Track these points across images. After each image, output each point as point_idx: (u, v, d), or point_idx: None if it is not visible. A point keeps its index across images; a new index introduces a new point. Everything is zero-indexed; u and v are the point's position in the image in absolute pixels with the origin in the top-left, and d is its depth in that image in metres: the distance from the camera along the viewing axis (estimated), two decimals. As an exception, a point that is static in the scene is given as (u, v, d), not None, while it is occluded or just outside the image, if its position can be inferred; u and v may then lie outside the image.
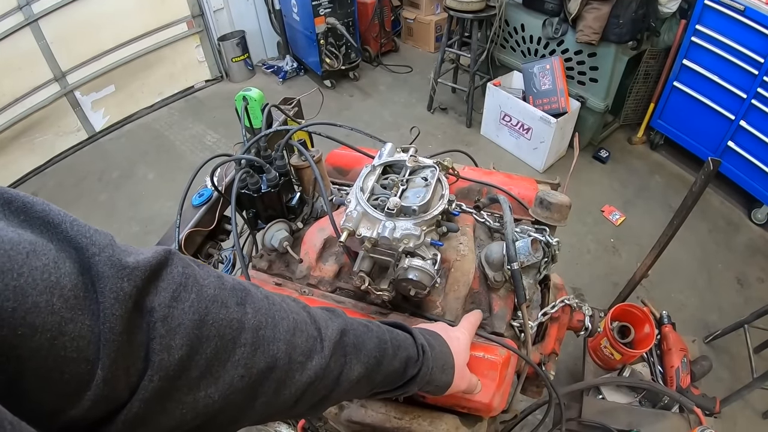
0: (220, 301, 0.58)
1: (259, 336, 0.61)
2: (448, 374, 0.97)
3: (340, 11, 5.71)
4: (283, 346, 0.63)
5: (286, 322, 0.66)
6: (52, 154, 5.57)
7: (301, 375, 0.66)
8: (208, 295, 0.56)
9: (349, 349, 0.75)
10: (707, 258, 4.01)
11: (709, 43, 4.06)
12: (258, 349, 0.60)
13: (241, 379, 0.58)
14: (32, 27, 4.88)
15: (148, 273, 0.52)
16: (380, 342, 0.81)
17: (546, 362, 1.44)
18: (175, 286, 0.54)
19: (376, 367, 0.79)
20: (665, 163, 4.90)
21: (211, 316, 0.56)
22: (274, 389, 0.63)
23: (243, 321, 0.60)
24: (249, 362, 0.59)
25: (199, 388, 0.55)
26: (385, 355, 0.81)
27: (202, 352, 0.54)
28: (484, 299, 1.32)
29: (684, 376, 2.61)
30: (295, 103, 1.87)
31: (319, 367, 0.68)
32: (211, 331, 0.55)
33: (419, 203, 1.09)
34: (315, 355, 0.69)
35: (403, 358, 0.85)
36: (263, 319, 0.63)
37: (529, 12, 4.72)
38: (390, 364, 0.82)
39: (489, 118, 5.11)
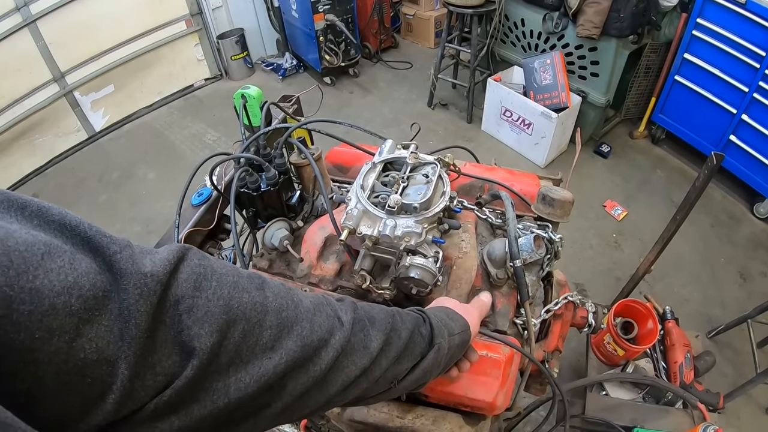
0: (241, 287, 0.58)
1: (283, 317, 0.62)
2: (458, 318, 1.00)
3: (339, 8, 5.69)
4: (307, 325, 0.65)
5: (306, 303, 0.68)
6: (52, 155, 5.55)
7: (327, 351, 0.67)
8: (228, 282, 0.57)
9: (366, 322, 0.77)
10: (710, 252, 3.99)
11: (710, 36, 4.04)
12: (283, 330, 0.61)
13: (270, 360, 0.59)
14: (30, 28, 4.86)
15: (170, 268, 0.52)
16: (387, 313, 0.84)
17: (549, 359, 1.44)
18: (195, 276, 0.54)
19: (394, 333, 0.81)
20: (667, 158, 4.88)
21: (236, 300, 0.56)
22: (304, 369, 0.64)
23: (265, 304, 0.61)
24: (276, 344, 0.60)
25: (229, 373, 0.55)
26: (395, 321, 0.83)
27: (230, 337, 0.55)
28: (486, 297, 1.31)
29: (687, 371, 2.60)
30: (294, 100, 1.86)
31: (343, 340, 0.70)
32: (238, 315, 0.56)
33: (420, 200, 1.08)
34: (336, 331, 0.70)
35: (410, 319, 0.88)
36: (283, 301, 0.64)
37: (529, 6, 4.68)
38: (404, 327, 0.84)
39: (490, 114, 5.09)
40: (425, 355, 0.88)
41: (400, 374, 0.84)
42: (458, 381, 1.16)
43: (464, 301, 1.26)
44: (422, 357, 0.87)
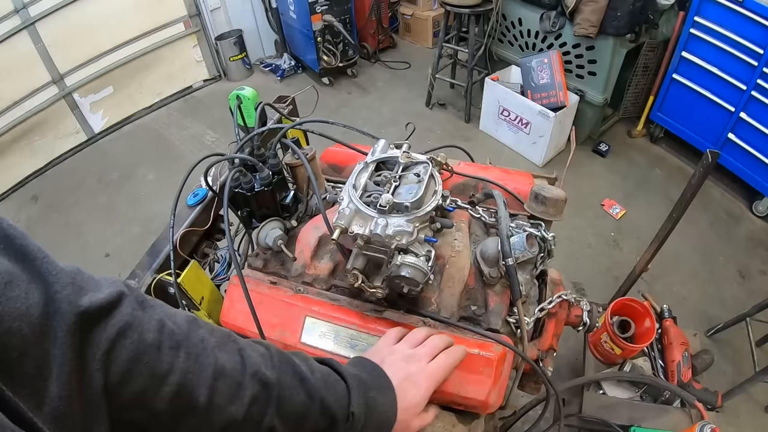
0: (156, 345, 0.66)
1: (186, 379, 0.68)
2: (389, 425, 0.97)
3: (337, 8, 5.70)
4: (206, 391, 0.70)
5: (213, 368, 0.72)
6: (51, 156, 5.57)
7: (220, 417, 0.72)
8: (147, 339, 0.64)
9: (272, 401, 0.79)
10: (708, 251, 3.99)
11: (708, 34, 4.04)
12: (182, 391, 0.67)
13: (165, 413, 0.66)
14: (29, 30, 4.88)
15: (99, 312, 0.60)
16: (307, 400, 0.84)
17: (544, 358, 1.44)
18: (121, 325, 0.62)
19: (299, 423, 0.83)
20: (665, 156, 4.88)
21: (147, 357, 0.64)
22: (194, 427, 0.70)
23: (173, 364, 0.67)
24: (173, 400, 0.66)
25: (129, 410, 0.63)
26: (310, 412, 0.84)
27: (133, 384, 0.62)
28: (479, 295, 1.31)
29: (685, 370, 2.59)
30: (290, 101, 1.87)
31: (238, 414, 0.74)
32: (144, 370, 0.63)
33: (411, 199, 1.08)
34: (236, 401, 0.74)
35: (328, 416, 0.86)
36: (192, 364, 0.69)
37: (526, 6, 4.69)
38: (314, 422, 0.85)
39: (488, 113, 5.10)
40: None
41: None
42: (451, 379, 1.16)
43: (456, 301, 1.26)
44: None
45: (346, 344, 1.22)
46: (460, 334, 1.22)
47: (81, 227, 4.66)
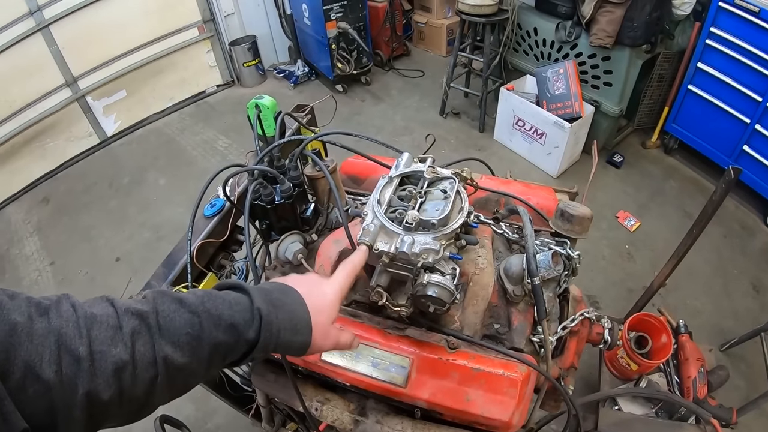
0: (27, 315, 0.66)
1: (61, 335, 0.67)
2: (303, 334, 0.92)
3: (352, 15, 5.69)
4: (84, 341, 0.69)
5: (84, 318, 0.71)
6: (63, 159, 5.58)
7: (107, 363, 0.70)
8: (12, 316, 0.64)
9: (154, 330, 0.76)
10: (722, 263, 3.95)
11: (723, 45, 4.01)
12: (61, 347, 0.66)
13: (56, 374, 0.65)
14: (43, 32, 4.90)
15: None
16: (192, 317, 0.80)
17: (565, 376, 1.42)
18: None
19: (195, 342, 0.79)
20: (680, 168, 4.84)
21: (19, 327, 0.64)
22: (88, 379, 0.67)
23: (46, 327, 0.67)
24: (56, 358, 0.65)
25: (26, 387, 0.62)
26: (201, 329, 0.80)
27: (17, 356, 0.62)
28: (503, 313, 1.29)
29: (701, 386, 2.56)
30: (308, 110, 1.85)
31: (124, 354, 0.71)
32: (21, 337, 0.63)
33: (438, 217, 1.06)
34: (117, 342, 0.72)
35: (226, 326, 0.83)
36: (63, 323, 0.69)
37: (541, 15, 4.67)
38: (212, 337, 0.81)
39: (502, 123, 5.07)
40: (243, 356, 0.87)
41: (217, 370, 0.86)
42: (474, 400, 1.14)
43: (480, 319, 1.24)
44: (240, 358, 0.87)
45: (369, 363, 1.20)
46: (483, 353, 1.20)
47: (91, 231, 4.66)
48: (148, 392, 0.74)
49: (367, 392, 1.27)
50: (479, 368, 1.16)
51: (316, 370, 1.27)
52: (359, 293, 1.30)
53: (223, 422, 3.12)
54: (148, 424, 2.93)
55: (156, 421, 2.68)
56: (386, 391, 1.20)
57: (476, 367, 1.16)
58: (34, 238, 4.73)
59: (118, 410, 0.72)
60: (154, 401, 0.76)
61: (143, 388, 0.73)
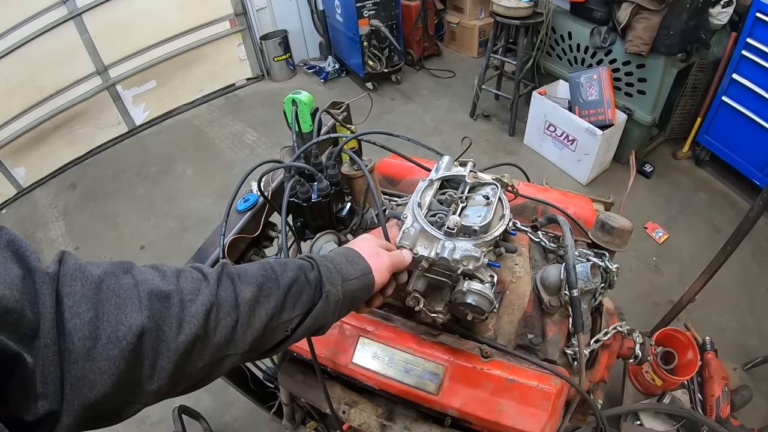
0: (110, 272, 0.70)
1: (149, 284, 0.71)
2: (359, 262, 0.99)
3: (384, 13, 5.67)
4: (173, 287, 0.73)
5: (171, 273, 0.77)
6: (92, 145, 5.66)
7: (196, 307, 0.74)
8: (96, 273, 0.68)
9: (234, 277, 0.83)
10: (750, 281, 3.87)
11: (759, 57, 3.92)
12: (151, 294, 0.70)
13: (149, 318, 0.68)
14: (75, 21, 4.96)
15: (55, 266, 0.66)
16: (262, 266, 0.88)
17: (595, 390, 1.39)
18: (71, 272, 0.66)
19: (270, 284, 0.86)
20: (710, 180, 4.75)
21: (105, 284, 0.67)
22: (177, 323, 0.71)
23: (132, 281, 0.71)
24: (147, 305, 0.69)
25: (119, 339, 0.64)
26: (272, 271, 0.88)
27: (107, 311, 0.65)
28: (537, 323, 1.27)
29: (724, 405, 2.54)
30: (344, 107, 1.83)
31: (210, 295, 0.77)
32: (109, 293, 0.67)
33: (481, 223, 1.03)
34: (204, 289, 0.77)
35: (293, 267, 0.91)
36: (149, 276, 0.73)
37: (576, 20, 4.61)
38: (284, 276, 0.88)
39: (533, 128, 5.01)
40: (315, 303, 0.91)
41: (292, 323, 0.89)
42: (507, 411, 1.12)
43: (515, 329, 1.22)
44: (312, 305, 0.91)
45: (401, 368, 1.18)
46: (516, 363, 1.18)
47: (117, 218, 4.70)
48: (229, 338, 0.79)
49: (396, 397, 1.26)
50: (513, 379, 1.14)
51: (347, 373, 1.26)
52: (393, 296, 1.28)
53: (240, 415, 3.13)
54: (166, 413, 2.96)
55: (174, 411, 2.71)
56: (417, 397, 1.19)
57: (510, 377, 1.14)
58: (60, 222, 4.78)
59: (201, 360, 0.75)
60: (236, 350, 0.80)
61: (225, 333, 0.78)
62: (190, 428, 2.70)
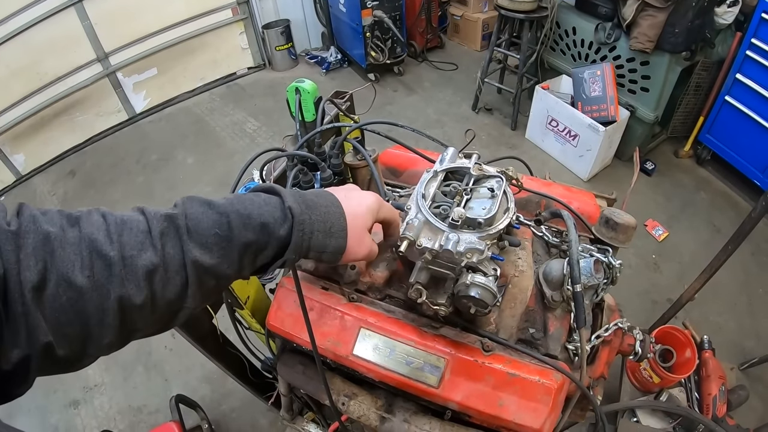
0: (59, 225, 0.68)
1: (92, 240, 0.68)
2: (337, 238, 0.91)
3: (388, 4, 5.66)
4: (115, 246, 0.70)
5: (114, 226, 0.72)
6: (91, 133, 5.65)
7: (138, 266, 0.70)
8: (45, 226, 0.67)
9: (182, 232, 0.76)
10: (749, 281, 3.87)
11: (764, 58, 3.91)
12: (93, 252, 0.68)
13: (89, 279, 0.66)
14: (77, 7, 4.93)
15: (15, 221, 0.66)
16: (220, 217, 0.79)
17: (594, 386, 1.39)
18: (25, 224, 0.66)
19: (224, 243, 0.79)
20: (711, 180, 4.75)
21: (52, 236, 0.66)
22: (119, 284, 0.69)
23: (78, 235, 0.68)
24: (88, 264, 0.67)
25: (60, 294, 0.64)
26: (230, 228, 0.79)
27: (53, 263, 0.64)
28: (539, 318, 1.26)
29: (721, 405, 2.54)
30: (348, 97, 1.82)
31: (154, 255, 0.72)
32: (54, 246, 0.65)
33: (485, 216, 1.02)
34: (147, 247, 0.72)
35: (255, 225, 0.82)
36: (94, 230, 0.70)
37: (581, 15, 4.61)
38: (242, 236, 0.80)
39: (535, 122, 5.01)
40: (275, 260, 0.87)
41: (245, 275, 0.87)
42: (507, 405, 1.12)
43: (516, 323, 1.21)
44: (273, 260, 0.87)
45: (402, 361, 1.18)
46: (518, 358, 1.17)
47: (116, 206, 4.66)
48: (180, 296, 0.75)
49: (396, 390, 1.25)
50: (515, 374, 1.13)
51: (347, 364, 1.25)
52: (393, 287, 1.28)
53: (237, 405, 3.13)
54: (163, 403, 2.96)
55: (171, 400, 2.71)
56: (418, 390, 1.18)
57: (512, 372, 1.13)
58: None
59: (151, 316, 0.73)
60: (187, 305, 0.77)
61: (174, 292, 0.74)
62: (188, 417, 2.69)
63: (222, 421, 3.08)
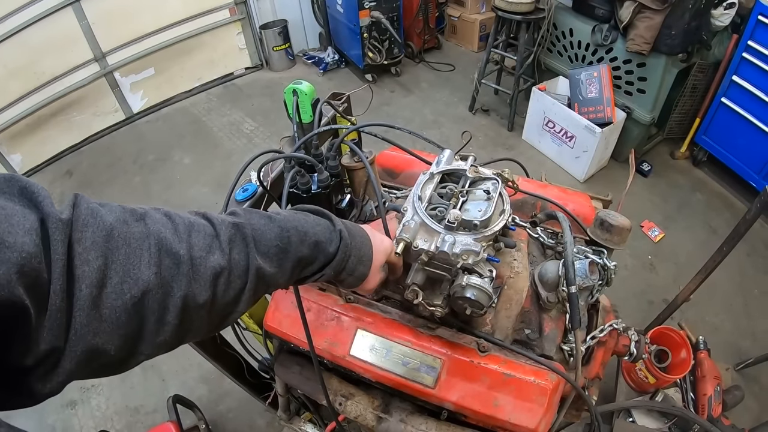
0: (122, 220, 0.68)
1: (161, 238, 0.70)
2: (365, 266, 1.01)
3: (385, 5, 5.65)
4: (184, 245, 0.72)
5: (183, 226, 0.75)
6: (88, 133, 5.63)
7: (206, 268, 0.73)
8: (108, 219, 0.66)
9: (249, 240, 0.82)
10: (744, 282, 3.88)
11: (760, 60, 3.92)
12: (162, 249, 0.69)
13: (156, 276, 0.67)
14: (74, 7, 4.92)
15: (69, 211, 0.63)
16: (282, 231, 0.87)
17: (590, 386, 1.40)
18: (83, 217, 0.64)
19: (283, 255, 0.86)
20: (707, 181, 4.76)
21: (116, 231, 0.66)
22: (186, 282, 0.71)
23: (144, 230, 0.69)
24: (156, 261, 0.68)
25: (124, 291, 0.64)
26: (289, 242, 0.87)
27: (116, 260, 0.64)
28: (534, 319, 1.27)
29: (716, 405, 2.55)
30: (345, 99, 1.83)
31: (222, 258, 0.76)
32: (119, 242, 0.65)
33: (481, 218, 1.03)
34: (215, 249, 0.76)
35: (311, 243, 0.90)
36: (161, 227, 0.71)
37: (578, 17, 4.62)
38: (298, 251, 0.88)
39: (532, 123, 5.02)
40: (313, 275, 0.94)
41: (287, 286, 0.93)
42: (503, 405, 1.12)
43: (512, 324, 1.22)
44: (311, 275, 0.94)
45: (398, 361, 1.19)
46: (513, 358, 1.18)
47: (113, 206, 4.68)
48: (236, 300, 0.80)
49: (393, 390, 1.26)
50: (510, 374, 1.14)
51: (344, 365, 1.26)
52: (390, 289, 1.28)
53: (235, 405, 3.13)
54: (161, 403, 2.96)
55: (169, 400, 2.71)
56: (414, 390, 1.19)
57: (507, 372, 1.14)
58: (56, 209, 4.75)
59: (207, 317, 0.76)
60: (238, 309, 0.81)
61: (233, 295, 0.78)
62: (185, 418, 2.69)
63: (219, 421, 3.08)
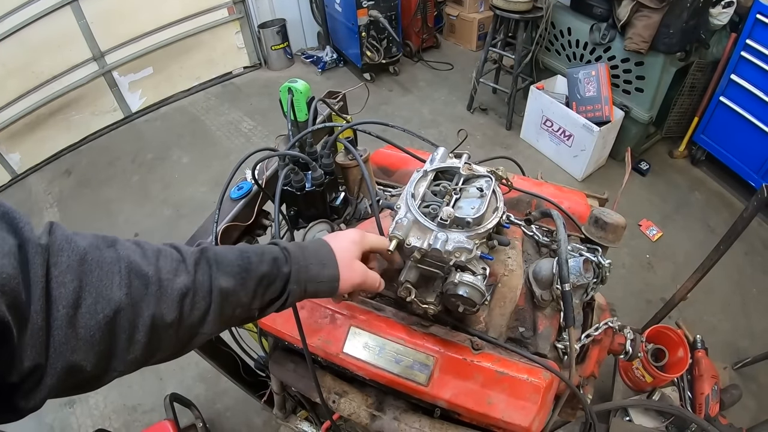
0: (94, 246, 0.73)
1: (130, 261, 0.75)
2: (330, 267, 1.02)
3: (384, 4, 5.65)
4: (152, 268, 0.77)
5: (151, 252, 0.80)
6: (87, 132, 5.63)
7: (173, 289, 0.78)
8: (82, 245, 0.71)
9: (212, 262, 0.86)
10: (742, 281, 3.88)
11: (758, 58, 3.92)
12: (131, 272, 0.74)
13: (127, 296, 0.71)
14: (73, 6, 4.92)
15: (46, 237, 0.68)
16: (241, 252, 0.92)
17: (585, 385, 1.40)
18: (59, 242, 0.68)
19: (245, 275, 0.90)
20: (706, 180, 4.75)
21: (90, 255, 0.70)
22: (155, 302, 0.75)
23: (115, 255, 0.74)
24: (126, 282, 0.72)
25: (97, 311, 0.68)
26: (249, 262, 0.91)
27: (89, 282, 0.68)
28: (528, 317, 1.27)
29: (713, 404, 2.55)
30: (341, 97, 1.83)
31: (188, 279, 0.81)
32: (92, 265, 0.70)
33: (474, 215, 1.03)
34: (182, 272, 0.81)
35: (269, 260, 0.94)
36: (131, 252, 0.77)
37: (576, 15, 4.61)
38: (258, 268, 0.92)
39: (530, 122, 5.01)
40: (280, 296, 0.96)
41: (255, 310, 0.94)
42: (496, 404, 1.12)
43: (506, 322, 1.22)
44: (278, 296, 0.96)
45: (391, 359, 1.18)
46: (507, 356, 1.18)
47: (111, 205, 4.69)
48: (201, 320, 0.83)
49: (386, 388, 1.26)
50: (504, 372, 1.14)
51: (337, 362, 1.26)
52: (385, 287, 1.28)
53: (231, 403, 3.13)
54: (158, 402, 2.95)
55: (166, 399, 2.71)
56: (407, 388, 1.19)
57: (501, 370, 1.14)
58: (54, 209, 4.77)
59: (174, 336, 0.80)
60: (204, 330, 0.84)
61: (198, 316, 0.82)
62: (182, 416, 2.69)
63: (216, 419, 3.08)
